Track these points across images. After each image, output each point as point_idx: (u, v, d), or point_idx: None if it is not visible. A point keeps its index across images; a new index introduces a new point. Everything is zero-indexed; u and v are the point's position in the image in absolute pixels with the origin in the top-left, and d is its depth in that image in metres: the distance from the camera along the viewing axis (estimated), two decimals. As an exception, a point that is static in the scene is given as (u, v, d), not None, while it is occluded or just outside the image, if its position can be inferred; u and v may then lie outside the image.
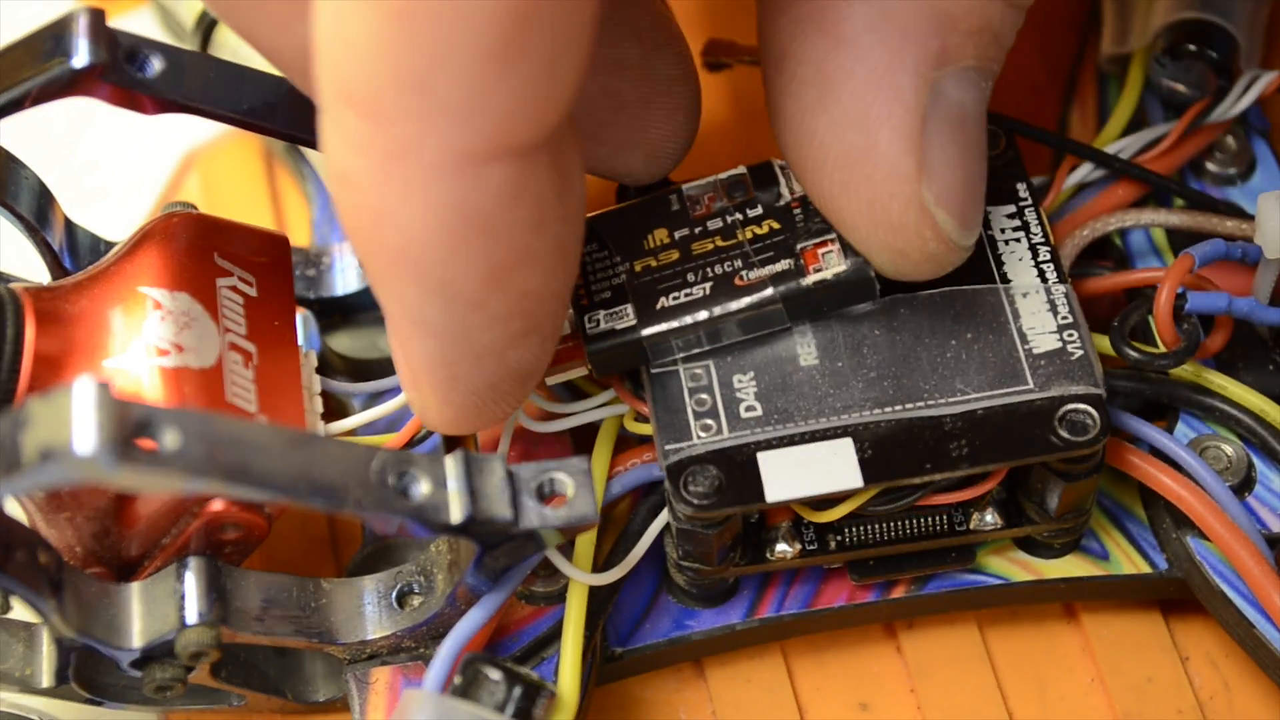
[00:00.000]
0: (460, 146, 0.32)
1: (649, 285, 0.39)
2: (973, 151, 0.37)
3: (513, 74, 0.32)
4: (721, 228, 0.40)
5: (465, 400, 0.36)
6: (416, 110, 0.32)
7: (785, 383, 0.40)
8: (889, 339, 0.40)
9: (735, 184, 0.40)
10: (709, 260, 0.39)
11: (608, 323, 0.39)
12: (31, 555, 0.36)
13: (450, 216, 0.33)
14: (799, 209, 0.40)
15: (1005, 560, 0.42)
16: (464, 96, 0.32)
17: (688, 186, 0.41)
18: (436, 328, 0.35)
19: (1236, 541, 0.40)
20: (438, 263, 0.34)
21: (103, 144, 0.50)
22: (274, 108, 0.40)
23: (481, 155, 0.33)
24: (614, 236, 0.40)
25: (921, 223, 0.37)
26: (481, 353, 0.35)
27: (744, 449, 0.39)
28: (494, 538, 0.36)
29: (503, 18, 0.31)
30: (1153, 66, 0.46)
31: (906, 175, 0.37)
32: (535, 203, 0.34)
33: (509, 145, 0.33)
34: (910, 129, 0.36)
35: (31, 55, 0.38)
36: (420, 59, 0.31)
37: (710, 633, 0.42)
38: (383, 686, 0.39)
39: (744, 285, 0.39)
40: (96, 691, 0.39)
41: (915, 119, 0.36)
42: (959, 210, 0.37)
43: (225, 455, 0.33)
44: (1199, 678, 0.42)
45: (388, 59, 0.31)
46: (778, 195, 0.40)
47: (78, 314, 0.38)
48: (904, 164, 0.37)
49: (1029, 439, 0.39)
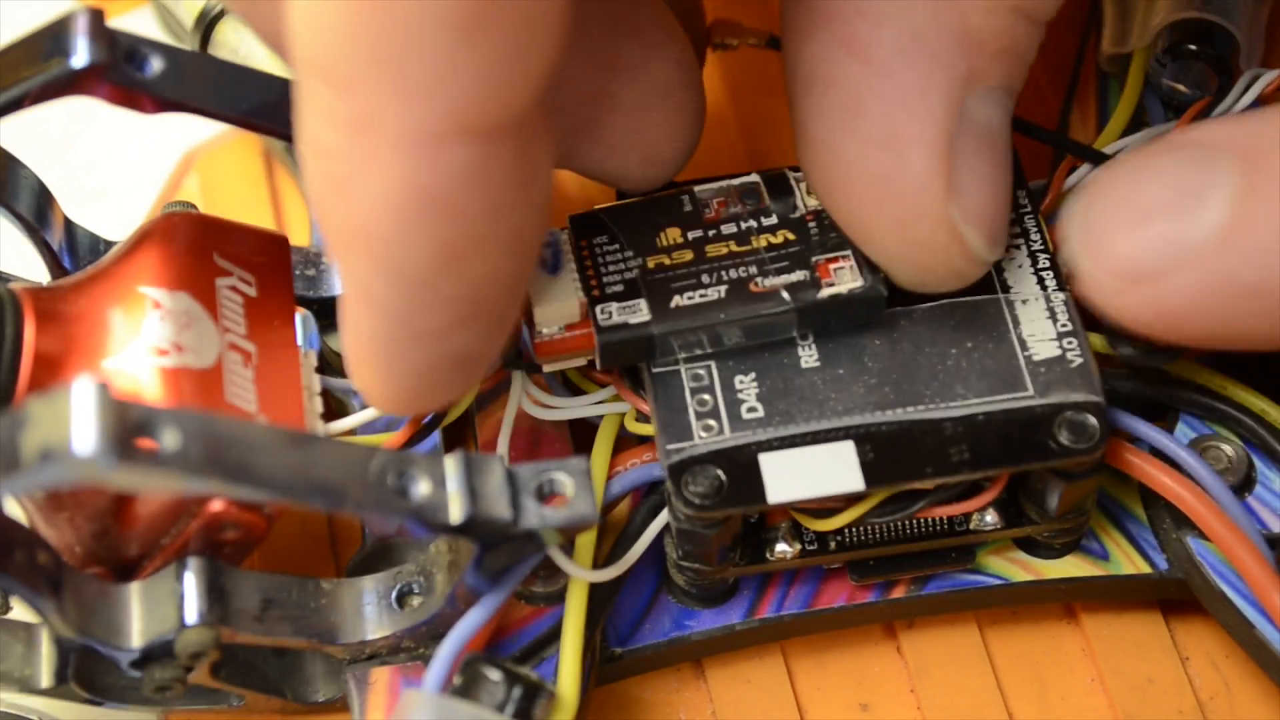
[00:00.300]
0: (421, 123, 0.32)
1: (663, 283, 0.39)
2: (999, 169, 0.38)
3: (477, 52, 0.32)
4: (736, 233, 0.40)
5: (404, 380, 0.36)
6: (381, 84, 0.32)
7: (787, 385, 0.40)
8: (890, 346, 0.40)
9: (749, 191, 0.41)
10: (724, 264, 0.40)
11: (621, 316, 0.39)
12: (31, 555, 0.36)
13: (407, 192, 0.33)
14: (814, 222, 0.40)
15: (1005, 560, 0.42)
16: (427, 72, 0.32)
17: (699, 189, 0.41)
18: (383, 304, 0.35)
19: (1237, 542, 0.40)
20: (391, 238, 0.34)
21: (103, 144, 0.50)
22: (274, 108, 0.40)
23: (442, 133, 0.33)
24: (625, 230, 0.40)
25: (950, 241, 0.38)
26: (423, 334, 0.35)
27: (746, 450, 0.39)
28: (494, 538, 0.36)
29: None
30: (1153, 66, 0.46)
31: (936, 195, 0.37)
32: (495, 188, 0.34)
33: (471, 126, 0.33)
34: (940, 149, 0.37)
35: (31, 55, 0.38)
36: (385, 32, 0.32)
37: (710, 633, 0.42)
38: (382, 686, 0.39)
39: (759, 292, 0.39)
40: (96, 691, 0.39)
41: (944, 139, 0.37)
42: (987, 227, 0.38)
43: (225, 455, 0.33)
44: (1199, 678, 0.42)
45: (354, 31, 0.32)
46: (793, 206, 0.40)
47: (77, 314, 0.38)
48: (934, 184, 0.37)
49: (1029, 444, 0.39)
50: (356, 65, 0.32)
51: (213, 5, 0.48)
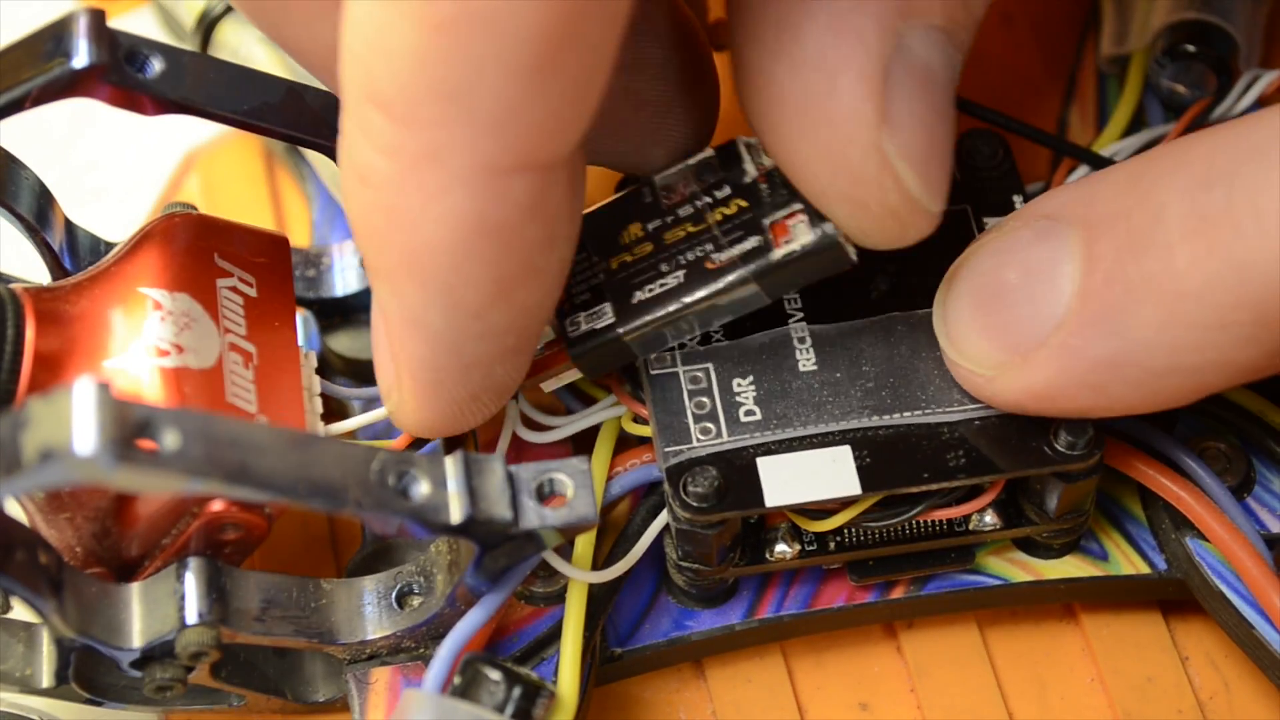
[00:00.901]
0: (488, 158, 0.33)
1: (624, 281, 0.39)
2: (939, 114, 0.37)
3: (547, 90, 0.32)
4: (692, 214, 0.39)
5: (445, 408, 0.36)
6: (449, 119, 0.32)
7: (784, 388, 0.40)
8: (887, 352, 0.40)
9: (704, 167, 0.40)
10: (680, 248, 0.39)
11: (588, 324, 0.39)
12: (31, 555, 0.36)
13: (469, 225, 0.33)
14: (765, 184, 0.39)
15: (1005, 561, 0.42)
16: (497, 109, 0.32)
17: (659, 177, 0.40)
18: (433, 334, 0.35)
19: (1235, 542, 0.40)
20: (449, 269, 0.34)
21: (103, 144, 0.50)
22: (274, 108, 0.40)
23: (508, 168, 0.33)
24: (590, 237, 0.40)
25: (882, 172, 0.36)
26: (471, 364, 0.36)
27: (743, 453, 0.39)
28: (494, 538, 0.36)
29: (544, 34, 0.31)
30: (1153, 67, 0.46)
31: (866, 121, 0.36)
32: (551, 218, 0.34)
33: (536, 159, 0.33)
34: (871, 74, 0.36)
35: (31, 55, 0.38)
36: (458, 70, 0.32)
37: (710, 633, 0.42)
38: (382, 686, 0.39)
39: (715, 269, 0.38)
40: (96, 691, 0.39)
41: (876, 65, 0.36)
42: (922, 166, 0.36)
43: (225, 456, 0.33)
44: (1199, 678, 0.42)
45: (425, 68, 0.32)
46: (743, 173, 0.39)
47: (78, 314, 0.38)
48: (864, 109, 0.36)
49: (1025, 451, 0.39)
50: (425, 99, 0.32)
51: (213, 6, 0.48)
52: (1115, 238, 0.36)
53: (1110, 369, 0.36)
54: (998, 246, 0.38)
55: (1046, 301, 0.37)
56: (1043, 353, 0.37)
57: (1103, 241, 0.36)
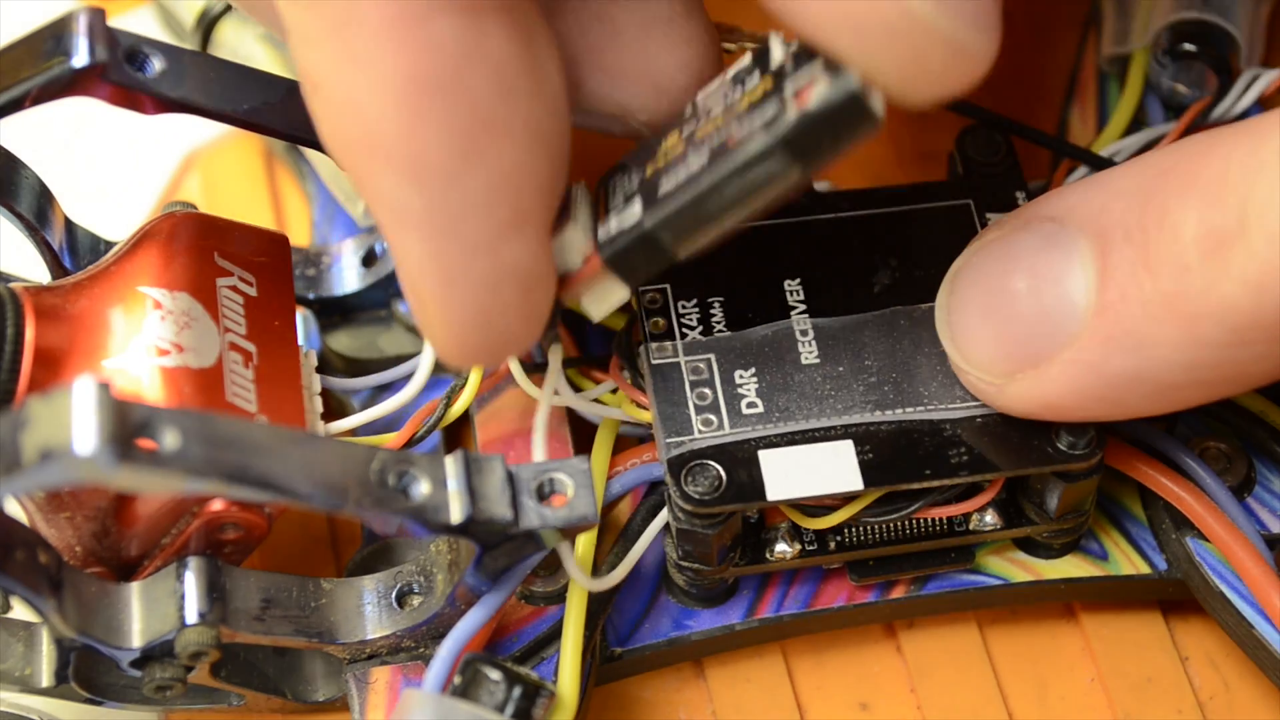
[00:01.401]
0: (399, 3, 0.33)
1: (654, 179, 0.37)
2: None
3: None
4: (723, 109, 0.37)
5: (468, 306, 0.35)
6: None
7: (787, 381, 0.40)
8: (890, 346, 0.40)
9: (741, 74, 0.37)
10: (707, 138, 0.37)
11: (618, 226, 0.37)
12: (31, 555, 0.36)
13: (403, 79, 0.33)
14: (791, 62, 0.36)
15: (1005, 560, 0.42)
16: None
17: (701, 94, 0.38)
18: (418, 215, 0.34)
19: (1236, 542, 0.40)
20: (402, 133, 0.33)
21: (103, 144, 0.50)
22: (274, 108, 0.40)
23: (423, 10, 0.33)
24: (635, 158, 0.38)
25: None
26: (471, 245, 0.35)
27: (745, 446, 0.39)
28: (494, 538, 0.36)
29: None
30: (1153, 67, 0.46)
31: None
32: (494, 66, 0.33)
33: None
34: None
35: (32, 55, 0.38)
36: None
37: (710, 633, 0.42)
38: (382, 686, 0.39)
39: (736, 144, 0.36)
40: (96, 691, 0.39)
41: None
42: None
43: (225, 455, 0.33)
44: (1199, 678, 0.42)
45: None
46: (771, 61, 0.36)
47: (78, 314, 0.38)
48: None
49: (1027, 450, 0.39)
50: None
51: (213, 5, 0.48)
52: (1130, 252, 0.36)
53: (1127, 384, 0.36)
54: (1003, 250, 0.38)
55: (1058, 312, 0.37)
56: (1056, 366, 0.37)
57: (1116, 255, 0.36)
